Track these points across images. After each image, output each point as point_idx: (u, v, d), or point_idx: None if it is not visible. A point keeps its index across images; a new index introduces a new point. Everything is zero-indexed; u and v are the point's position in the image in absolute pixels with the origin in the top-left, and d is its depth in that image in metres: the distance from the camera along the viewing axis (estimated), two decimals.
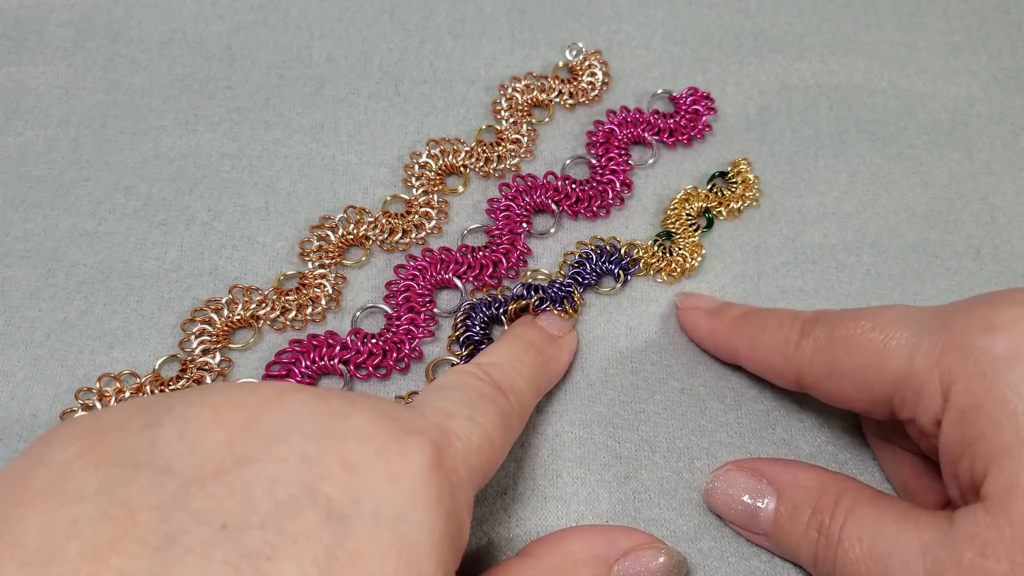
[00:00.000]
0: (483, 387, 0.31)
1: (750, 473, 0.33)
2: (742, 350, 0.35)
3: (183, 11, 0.49)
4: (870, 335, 0.29)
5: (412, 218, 0.42)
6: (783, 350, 0.32)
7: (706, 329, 0.37)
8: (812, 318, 0.32)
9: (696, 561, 0.33)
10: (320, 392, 0.25)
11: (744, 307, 0.37)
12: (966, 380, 0.26)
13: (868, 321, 0.30)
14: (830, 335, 0.31)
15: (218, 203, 0.42)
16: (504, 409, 0.30)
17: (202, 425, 0.23)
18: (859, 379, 0.29)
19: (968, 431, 0.26)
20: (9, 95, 0.45)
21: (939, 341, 0.27)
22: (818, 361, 0.31)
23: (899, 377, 0.28)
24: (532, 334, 0.36)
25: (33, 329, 0.38)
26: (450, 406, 0.28)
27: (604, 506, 0.35)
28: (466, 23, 0.49)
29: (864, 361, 0.29)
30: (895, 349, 0.28)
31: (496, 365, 0.32)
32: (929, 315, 0.29)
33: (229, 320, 0.38)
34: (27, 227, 0.41)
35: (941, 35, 0.50)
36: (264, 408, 0.24)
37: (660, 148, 0.45)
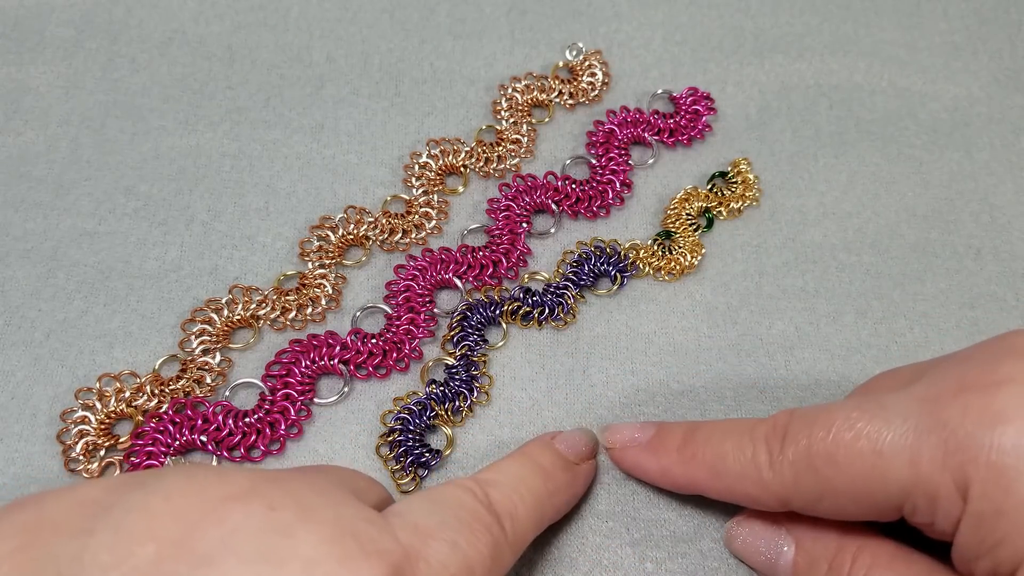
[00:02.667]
0: (477, 509, 0.27)
1: (769, 522, 0.31)
2: (704, 482, 0.31)
3: (183, 11, 0.49)
4: (857, 446, 0.26)
5: (412, 218, 0.42)
6: (754, 476, 0.29)
7: (656, 470, 0.32)
8: (773, 432, 0.29)
9: (696, 561, 0.33)
10: (273, 500, 0.23)
11: (681, 427, 0.32)
12: (981, 484, 0.24)
13: (846, 429, 0.27)
14: (808, 453, 0.27)
15: (218, 203, 0.42)
16: (496, 538, 0.27)
17: (134, 537, 0.21)
18: (859, 495, 0.27)
19: (988, 536, 0.25)
20: (9, 95, 0.45)
21: (940, 440, 0.25)
22: (804, 485, 0.28)
23: (905, 486, 0.26)
24: (546, 457, 0.32)
25: (33, 329, 0.38)
26: (432, 525, 0.25)
27: (603, 506, 0.35)
28: (466, 23, 0.49)
29: (859, 476, 0.26)
30: (892, 457, 0.26)
31: (498, 485, 0.29)
32: (912, 406, 0.26)
33: (229, 320, 0.38)
34: (27, 227, 0.41)
35: (941, 35, 0.50)
36: (203, 519, 0.22)
37: (660, 148, 0.45)
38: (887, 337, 0.39)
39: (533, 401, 0.37)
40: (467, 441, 0.36)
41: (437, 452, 0.35)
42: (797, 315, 0.40)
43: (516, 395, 0.37)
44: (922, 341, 0.39)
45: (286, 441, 0.36)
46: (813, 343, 0.39)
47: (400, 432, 0.36)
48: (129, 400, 0.36)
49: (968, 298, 0.41)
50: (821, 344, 0.39)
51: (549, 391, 0.37)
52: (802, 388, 0.38)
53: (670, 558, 0.33)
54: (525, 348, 0.39)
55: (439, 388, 0.37)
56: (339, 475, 0.27)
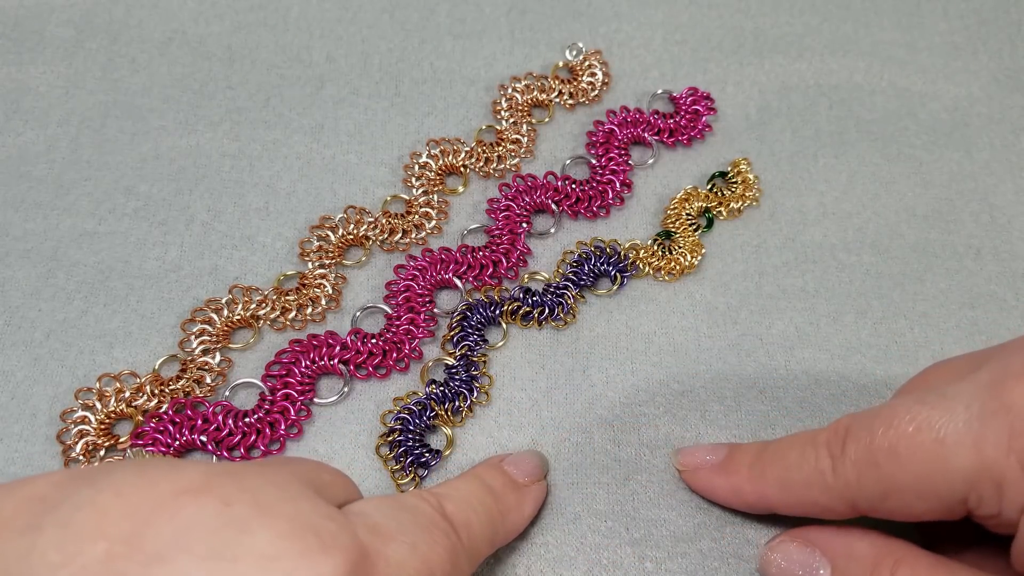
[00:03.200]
0: (434, 516, 0.27)
1: (803, 544, 0.31)
2: (775, 499, 0.31)
3: (183, 11, 0.49)
4: (918, 438, 0.26)
5: (412, 218, 0.42)
6: (819, 483, 0.29)
7: (727, 490, 0.33)
8: (834, 437, 0.29)
9: (696, 561, 0.33)
10: (228, 495, 0.22)
11: (753, 447, 0.32)
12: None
13: (907, 422, 0.26)
14: (869, 450, 0.27)
15: (218, 203, 0.42)
16: (454, 544, 0.27)
17: (83, 535, 0.21)
18: (923, 489, 0.26)
19: None
20: (9, 95, 0.45)
21: (1005, 423, 0.25)
22: (867, 483, 0.27)
23: (970, 474, 0.25)
24: (495, 479, 0.32)
25: (33, 329, 0.38)
26: (391, 526, 0.25)
27: (602, 506, 0.35)
28: (466, 23, 0.49)
29: (923, 469, 0.26)
30: (955, 445, 0.25)
31: (451, 499, 0.29)
32: (972, 393, 0.26)
33: (229, 320, 0.38)
34: (27, 227, 0.41)
35: (941, 35, 0.50)
36: (155, 515, 0.21)
37: (660, 148, 0.45)
38: (887, 337, 0.39)
39: (533, 401, 0.37)
40: (467, 441, 0.36)
41: (437, 452, 0.35)
42: (797, 315, 0.40)
43: (516, 395, 0.37)
44: (922, 341, 0.39)
45: (286, 441, 0.36)
46: (813, 343, 0.39)
47: (400, 432, 0.36)
48: (129, 400, 0.36)
49: (968, 298, 0.41)
50: (821, 344, 0.39)
51: (549, 391, 0.37)
52: (802, 388, 0.38)
53: (670, 558, 0.33)
54: (525, 348, 0.39)
55: (439, 388, 0.37)
56: (301, 469, 0.27)
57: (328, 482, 0.27)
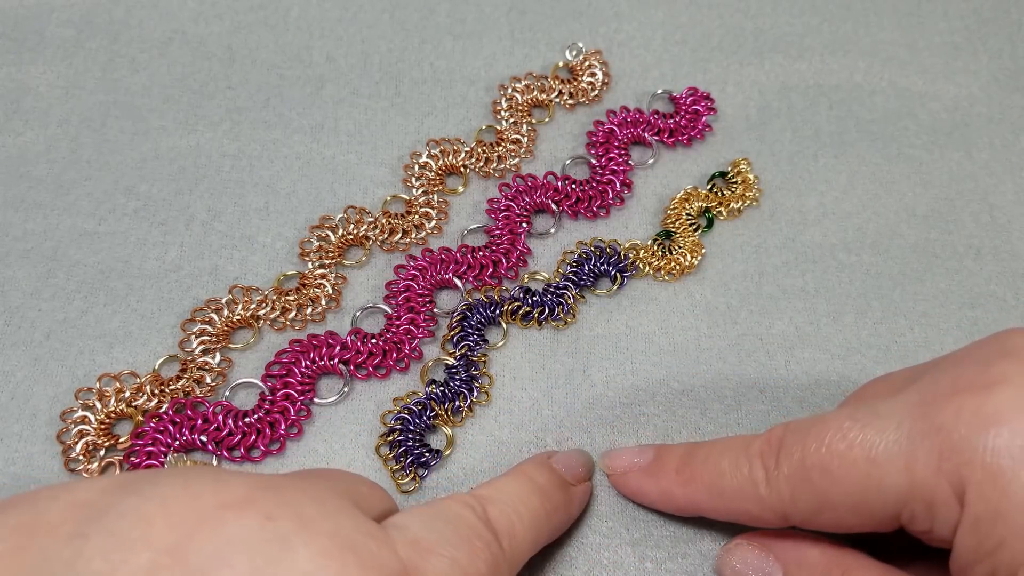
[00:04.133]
0: (476, 525, 0.27)
1: (759, 549, 0.31)
2: (704, 503, 0.31)
3: (183, 11, 0.49)
4: (851, 455, 0.26)
5: (412, 218, 0.42)
6: (752, 494, 0.29)
7: (656, 494, 0.32)
8: (768, 449, 0.28)
9: (696, 561, 0.33)
10: (271, 510, 0.23)
11: (680, 449, 0.32)
12: (977, 486, 0.24)
13: (839, 439, 0.26)
14: (803, 466, 0.27)
15: (218, 203, 0.42)
16: (495, 556, 0.27)
17: (129, 544, 0.21)
18: (856, 504, 0.26)
19: (985, 540, 0.24)
20: (9, 95, 0.45)
21: (935, 444, 0.25)
22: (801, 498, 0.27)
23: (902, 493, 0.25)
24: (543, 476, 0.32)
25: (33, 329, 0.38)
26: (432, 540, 0.25)
27: (603, 506, 0.34)
28: (466, 23, 0.49)
29: (855, 485, 0.26)
30: (887, 464, 0.25)
31: (496, 502, 0.29)
32: (904, 411, 0.26)
33: (229, 320, 0.38)
34: (27, 227, 0.41)
35: (941, 35, 0.50)
36: (199, 528, 0.22)
37: (660, 148, 0.45)
38: (887, 337, 0.39)
39: (533, 401, 0.37)
40: (467, 441, 0.36)
41: (437, 452, 0.35)
42: (797, 315, 0.40)
43: (516, 395, 0.37)
44: (922, 341, 0.39)
45: (286, 441, 0.36)
46: (813, 343, 0.39)
47: (400, 432, 0.36)
48: (129, 400, 0.36)
49: (968, 298, 0.41)
50: (821, 344, 0.39)
51: (549, 391, 0.37)
52: (802, 388, 0.38)
53: (670, 558, 0.33)
54: (525, 348, 0.39)
55: (439, 388, 0.37)
56: (341, 482, 0.27)
57: (366, 495, 0.27)
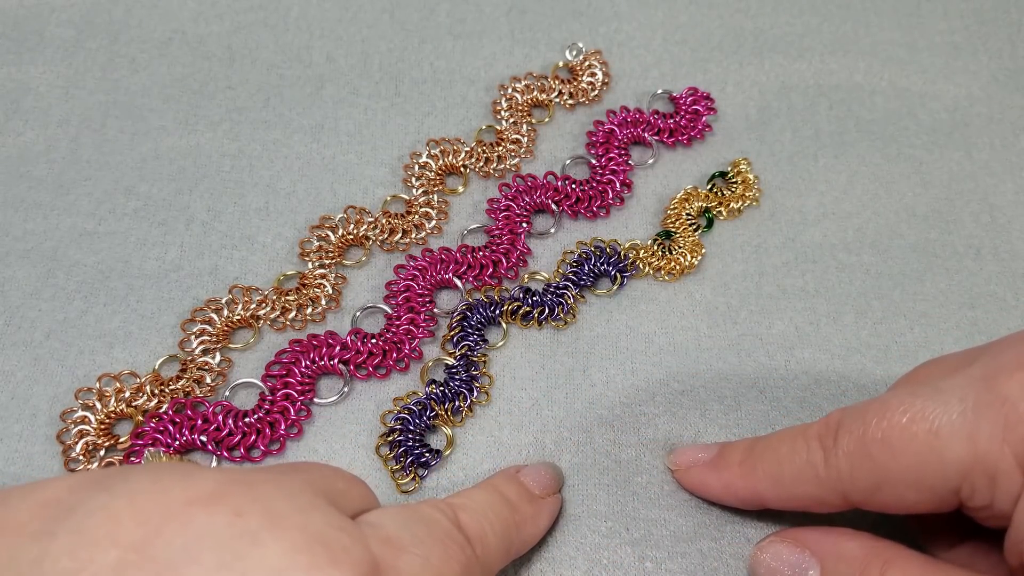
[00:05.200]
0: (449, 528, 0.27)
1: (793, 545, 0.30)
2: (766, 493, 0.31)
3: (183, 11, 0.49)
4: (912, 429, 0.26)
5: (412, 218, 0.42)
6: (811, 475, 0.29)
7: (719, 487, 0.33)
8: (826, 430, 0.29)
9: (696, 561, 0.33)
10: (240, 505, 0.22)
11: (743, 443, 0.33)
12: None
13: (900, 413, 0.26)
14: (863, 442, 0.27)
15: (218, 203, 0.42)
16: (468, 558, 0.27)
17: (96, 541, 0.21)
18: (916, 479, 0.26)
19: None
20: (9, 95, 0.45)
21: (1000, 415, 0.25)
22: (860, 475, 0.28)
23: (964, 466, 0.25)
24: (511, 490, 0.32)
25: (33, 329, 0.38)
26: (405, 538, 0.25)
27: (603, 507, 0.35)
28: (466, 23, 0.49)
29: (916, 460, 0.26)
30: (950, 436, 0.25)
31: (468, 510, 0.29)
32: (967, 385, 0.26)
33: (229, 320, 0.38)
34: (27, 227, 0.41)
35: (941, 35, 0.50)
36: (167, 524, 0.21)
37: (660, 148, 0.45)
38: (887, 337, 0.39)
39: (533, 401, 0.37)
40: (467, 441, 0.36)
41: (437, 452, 0.35)
42: (797, 315, 0.40)
43: (516, 395, 0.37)
44: (922, 341, 0.39)
45: (286, 441, 0.36)
46: (813, 343, 0.39)
47: (400, 432, 0.36)
48: (129, 400, 0.36)
49: (968, 298, 0.41)
50: (821, 344, 0.39)
51: (549, 391, 0.37)
52: (802, 388, 0.38)
53: (670, 558, 0.33)
54: (525, 348, 0.39)
55: (439, 388, 0.37)
56: (315, 477, 0.27)
57: (343, 490, 0.27)
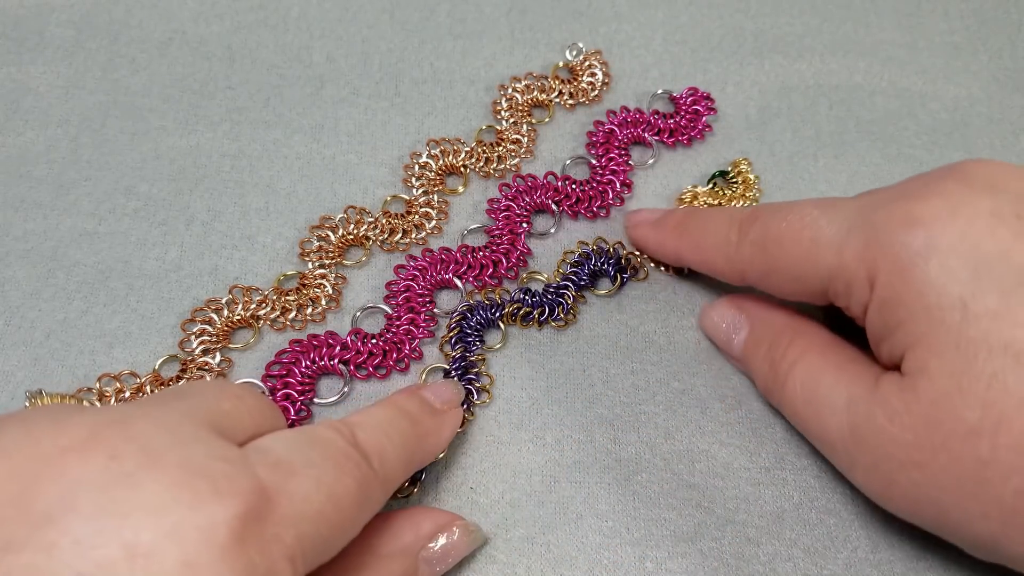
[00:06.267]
0: (344, 446, 0.27)
1: (734, 307, 0.37)
2: (686, 254, 0.37)
3: (183, 11, 0.49)
4: (801, 233, 0.31)
5: (412, 218, 0.42)
6: (724, 251, 0.35)
7: (653, 241, 0.39)
8: (748, 217, 0.34)
9: (696, 561, 0.33)
10: (115, 447, 0.22)
11: (684, 210, 0.39)
12: (887, 274, 0.28)
13: (797, 219, 0.31)
14: (764, 236, 0.33)
15: (218, 203, 0.42)
16: (364, 474, 0.27)
17: None
18: (795, 274, 0.32)
19: (888, 320, 0.29)
20: (9, 95, 0.45)
21: (864, 236, 0.29)
22: (756, 260, 0.33)
23: (831, 271, 0.30)
24: (411, 403, 0.32)
25: (33, 329, 0.38)
26: (296, 461, 0.25)
27: (603, 506, 0.35)
28: (466, 23, 0.49)
29: (798, 258, 0.31)
30: (825, 246, 0.30)
31: (364, 427, 0.29)
32: (854, 209, 0.30)
33: (229, 320, 0.38)
34: (27, 227, 0.41)
35: (941, 35, 0.50)
36: (40, 476, 0.21)
37: (660, 148, 0.45)
38: None
39: (533, 400, 0.37)
40: (466, 441, 0.36)
41: None
42: None
43: (516, 394, 0.37)
44: None
45: None
46: None
47: None
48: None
49: None
50: None
51: (549, 390, 0.37)
52: None
53: (670, 558, 0.33)
54: (525, 348, 0.39)
55: None
56: (197, 404, 0.26)
57: (229, 412, 0.26)
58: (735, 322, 0.37)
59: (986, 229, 0.27)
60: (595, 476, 0.35)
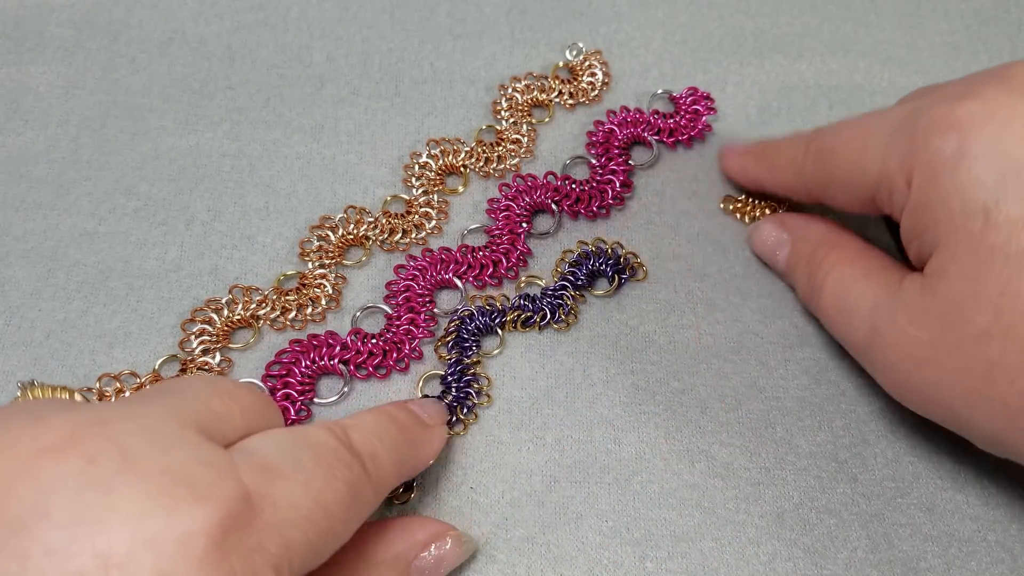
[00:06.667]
0: (336, 447, 0.26)
1: (776, 224, 0.39)
2: (764, 177, 0.40)
3: (183, 11, 0.49)
4: (851, 145, 0.33)
5: (412, 218, 0.42)
6: (793, 170, 0.37)
7: (738, 169, 0.42)
8: (813, 135, 0.36)
9: (696, 561, 0.33)
10: (93, 450, 0.21)
11: (765, 141, 0.41)
12: (920, 179, 0.29)
13: (850, 132, 0.33)
14: (820, 148, 0.35)
15: (218, 203, 0.42)
16: (356, 477, 0.26)
17: None
18: (847, 182, 0.33)
19: (918, 223, 0.30)
20: (9, 95, 0.45)
21: (906, 143, 0.30)
22: (817, 175, 0.35)
23: (878, 178, 0.31)
24: (401, 414, 0.32)
25: (33, 329, 0.38)
26: (284, 463, 0.24)
27: (603, 506, 0.35)
28: (466, 23, 0.49)
29: (849, 167, 0.33)
30: (872, 156, 0.31)
31: (357, 429, 0.28)
32: (902, 114, 0.31)
33: (229, 320, 0.38)
34: (27, 227, 0.41)
35: (941, 35, 0.50)
36: (15, 481, 0.20)
37: (660, 148, 0.45)
38: None
39: (533, 400, 0.37)
40: (466, 441, 0.36)
41: None
42: (798, 314, 0.40)
43: (516, 395, 0.37)
44: None
45: None
46: (813, 342, 0.39)
47: None
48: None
49: None
50: (821, 344, 0.39)
51: (549, 390, 0.37)
52: (802, 388, 0.38)
53: (670, 558, 0.33)
54: (525, 348, 0.39)
55: None
56: (185, 401, 0.25)
57: (219, 412, 0.25)
58: (779, 239, 0.39)
59: (1020, 135, 0.27)
60: (595, 476, 0.35)
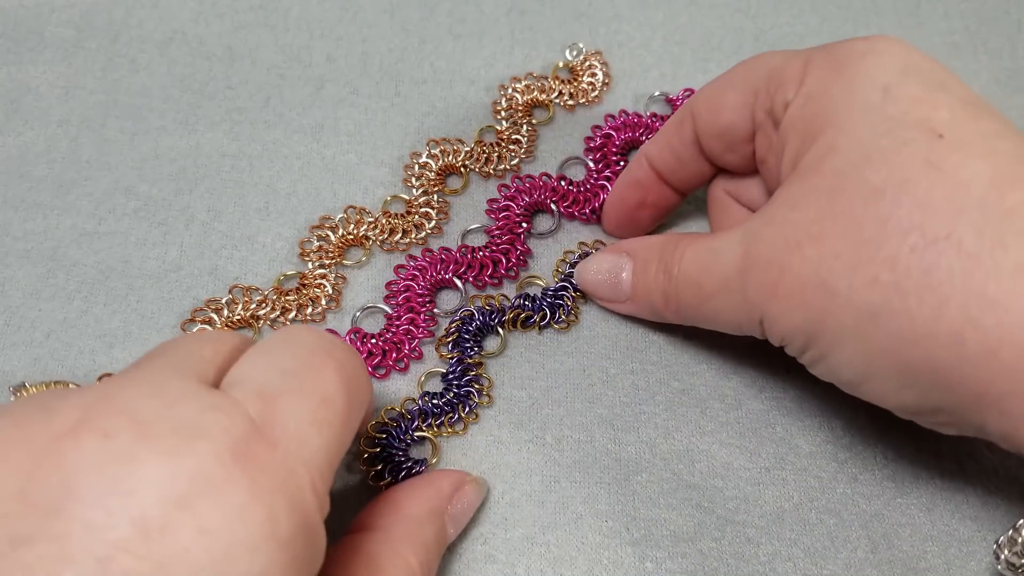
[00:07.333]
0: (317, 339, 0.26)
1: (610, 252, 0.37)
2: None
3: (183, 11, 0.49)
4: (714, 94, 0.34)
5: (412, 218, 0.42)
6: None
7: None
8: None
9: (696, 561, 0.33)
10: (106, 425, 0.21)
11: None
12: (820, 70, 0.29)
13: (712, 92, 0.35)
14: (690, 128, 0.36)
15: (218, 203, 0.42)
16: (344, 356, 0.27)
17: None
18: (739, 82, 0.33)
19: (806, 111, 0.29)
20: (9, 95, 0.45)
21: (814, 52, 0.31)
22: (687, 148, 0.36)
23: (770, 71, 0.31)
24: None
25: (33, 329, 0.38)
26: (274, 382, 0.24)
27: (603, 506, 0.35)
28: (466, 23, 0.49)
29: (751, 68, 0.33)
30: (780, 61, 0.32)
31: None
32: (779, 58, 0.32)
33: (229, 320, 0.38)
34: (27, 227, 0.41)
35: (941, 35, 0.50)
36: (39, 467, 0.20)
37: None
38: None
39: (533, 400, 0.37)
40: (466, 441, 0.36)
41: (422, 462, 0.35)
42: None
43: (516, 394, 0.37)
44: None
45: None
46: None
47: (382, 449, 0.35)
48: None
49: None
50: None
51: (549, 390, 0.37)
52: (802, 388, 0.38)
53: (670, 558, 0.33)
54: (525, 348, 0.39)
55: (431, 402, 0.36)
56: (179, 356, 0.25)
57: (210, 358, 0.26)
58: (615, 263, 0.37)
59: (915, 51, 0.30)
60: (595, 476, 0.35)
